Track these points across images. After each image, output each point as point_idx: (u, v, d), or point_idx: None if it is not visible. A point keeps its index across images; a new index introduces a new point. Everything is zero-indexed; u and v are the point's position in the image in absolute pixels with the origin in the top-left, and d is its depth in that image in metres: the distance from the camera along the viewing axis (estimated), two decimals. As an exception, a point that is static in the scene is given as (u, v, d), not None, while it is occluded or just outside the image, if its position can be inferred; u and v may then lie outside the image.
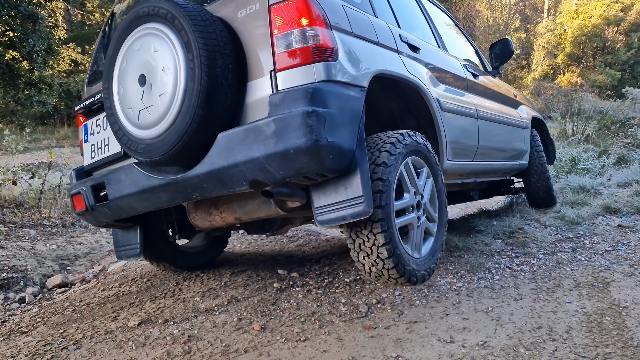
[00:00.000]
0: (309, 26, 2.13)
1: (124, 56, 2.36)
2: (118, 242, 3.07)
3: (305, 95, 2.03)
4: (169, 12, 2.17)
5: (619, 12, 35.05)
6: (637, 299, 2.71)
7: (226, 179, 2.17)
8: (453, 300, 2.79)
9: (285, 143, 2.00)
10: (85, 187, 2.73)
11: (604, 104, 20.65)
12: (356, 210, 2.18)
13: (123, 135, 2.36)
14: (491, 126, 3.77)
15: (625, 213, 4.11)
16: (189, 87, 2.10)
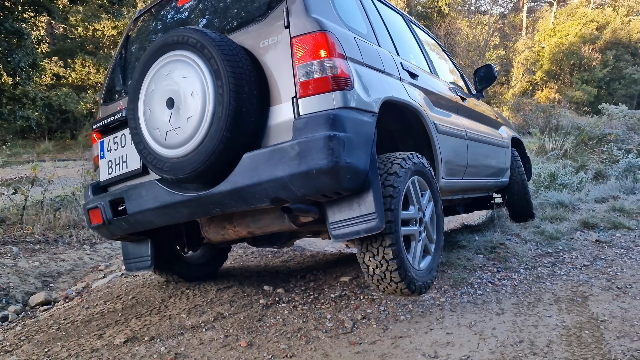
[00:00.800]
0: (328, 57, 2.32)
1: (151, 80, 2.51)
2: (128, 254, 3.17)
3: (327, 121, 2.21)
4: (199, 42, 2.33)
5: (594, 31, 36.06)
6: (615, 312, 2.79)
7: (249, 196, 2.33)
8: (437, 315, 2.84)
9: (309, 164, 2.18)
10: (103, 201, 2.82)
11: (581, 120, 21.12)
12: (369, 225, 2.37)
13: (148, 154, 2.50)
14: (478, 146, 3.99)
15: (602, 228, 4.23)
16: (217, 111, 2.26)
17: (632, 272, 3.32)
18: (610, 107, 21.45)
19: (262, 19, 2.52)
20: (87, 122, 20.17)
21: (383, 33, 3.25)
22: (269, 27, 2.46)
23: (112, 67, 3.26)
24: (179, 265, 3.47)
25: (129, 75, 3.12)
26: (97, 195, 2.95)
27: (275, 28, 2.43)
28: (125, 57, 3.20)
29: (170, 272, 3.42)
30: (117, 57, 3.25)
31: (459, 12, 35.06)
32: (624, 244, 3.86)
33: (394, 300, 3.07)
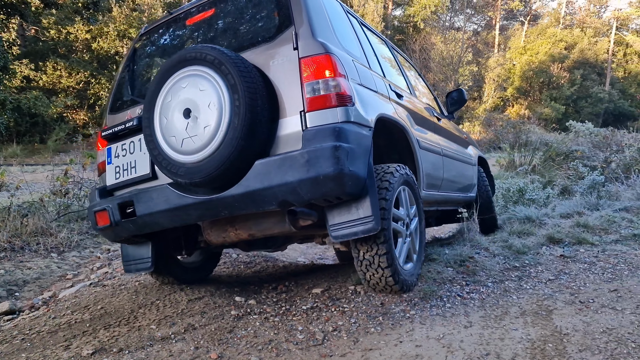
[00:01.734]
0: (332, 77, 2.59)
1: (168, 91, 2.71)
2: (128, 256, 3.32)
3: (333, 133, 2.48)
4: (216, 59, 2.56)
5: (563, 50, 37.23)
6: (577, 326, 2.87)
7: (259, 199, 2.55)
8: (407, 327, 2.88)
9: (317, 170, 2.43)
10: (111, 204, 2.97)
11: (550, 136, 21.67)
12: (367, 227, 2.64)
13: (163, 159, 2.68)
14: (452, 163, 4.34)
15: (567, 243, 4.35)
16: (233, 121, 2.48)
17: (594, 287, 3.43)
18: (577, 125, 22.06)
19: (271, 40, 2.77)
20: (58, 126, 19.79)
21: (372, 57, 3.54)
22: (279, 48, 2.71)
23: (118, 79, 3.42)
24: (175, 268, 3.60)
25: (137, 87, 3.36)
26: (104, 199, 3.08)
27: (284, 49, 2.69)
28: (133, 70, 3.39)
29: (167, 274, 3.54)
30: (124, 69, 3.41)
31: (433, 27, 35.72)
32: (587, 259, 3.98)
33: (365, 313, 3.11)
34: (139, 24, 23.25)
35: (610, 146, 13.32)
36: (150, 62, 3.54)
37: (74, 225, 5.12)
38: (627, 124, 26.98)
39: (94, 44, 22.17)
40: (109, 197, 3.10)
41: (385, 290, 2.98)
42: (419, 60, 30.54)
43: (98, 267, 4.31)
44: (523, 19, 45.79)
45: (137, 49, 3.48)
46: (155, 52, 3.55)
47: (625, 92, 39.11)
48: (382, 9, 32.22)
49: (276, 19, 2.85)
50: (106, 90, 22.27)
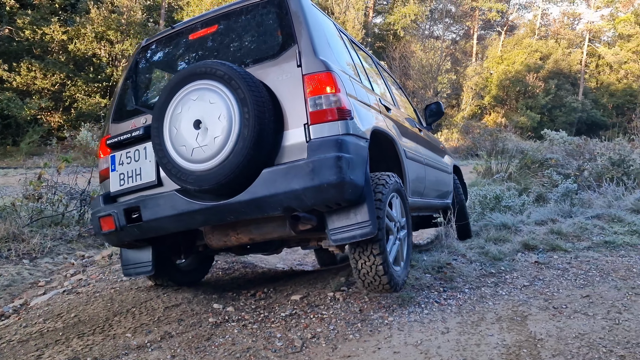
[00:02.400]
0: (333, 93, 2.77)
1: (178, 103, 2.84)
2: (128, 260, 3.40)
3: (336, 144, 2.66)
4: (226, 74, 2.71)
5: (538, 61, 38.01)
6: (551, 331, 2.92)
7: (265, 205, 2.72)
8: (385, 334, 2.89)
9: (321, 178, 2.60)
10: (117, 209, 3.06)
11: (525, 144, 22.04)
12: (364, 231, 2.79)
13: (172, 167, 2.80)
14: (432, 171, 4.57)
15: (541, 250, 4.43)
16: (242, 132, 2.64)
17: (567, 293, 3.50)
18: (551, 133, 22.50)
19: (276, 57, 2.93)
20: (31, 128, 19.37)
21: (362, 72, 3.74)
22: (283, 65, 2.88)
23: (120, 89, 3.51)
24: (173, 272, 3.72)
25: (141, 97, 3.51)
26: (108, 205, 3.16)
27: (288, 66, 2.86)
28: (135, 81, 3.50)
29: (165, 277, 3.65)
30: (126, 80, 3.51)
31: (413, 36, 36.12)
32: (561, 265, 4.06)
33: (343, 319, 3.11)
34: (117, 26, 22.99)
35: (583, 154, 13.62)
36: (153, 74, 3.72)
37: (47, 230, 5.01)
38: (599, 133, 27.64)
39: (71, 45, 21.80)
40: (113, 203, 3.18)
41: (378, 288, 3.09)
42: (398, 68, 30.82)
43: (72, 273, 4.22)
44: (500, 29, 46.62)
45: (139, 60, 3.58)
46: (158, 65, 3.70)
47: (598, 102, 40.06)
48: (362, 16, 32.47)
49: (279, 37, 3.04)
50: (82, 93, 21.92)
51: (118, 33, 23.19)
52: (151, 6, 27.40)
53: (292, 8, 3.02)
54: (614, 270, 3.91)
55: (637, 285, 3.60)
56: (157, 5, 28.01)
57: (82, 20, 22.24)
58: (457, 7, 42.48)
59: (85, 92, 22.15)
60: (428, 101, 30.33)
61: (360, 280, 3.09)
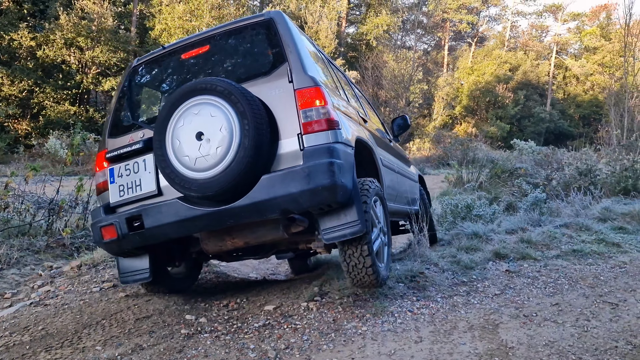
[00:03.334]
0: (322, 106, 3.04)
1: (180, 117, 3.03)
2: (125, 268, 3.50)
3: (328, 151, 2.92)
4: (226, 89, 2.94)
5: (507, 72, 38.90)
6: (522, 339, 2.98)
7: (264, 208, 2.94)
8: (359, 344, 2.90)
9: (316, 182, 2.84)
10: (119, 219, 3.20)
11: (496, 154, 22.49)
12: (354, 229, 3.04)
13: (176, 177, 2.98)
14: (402, 179, 4.93)
15: (512, 259, 4.51)
16: (243, 142, 2.85)
17: (537, 301, 3.57)
18: (520, 143, 23.07)
19: (268, 74, 3.19)
20: (-3, 136, 18.85)
21: (340, 88, 4.01)
22: (276, 81, 3.14)
23: (115, 106, 3.67)
24: (167, 279, 3.85)
25: (138, 113, 3.74)
26: (109, 215, 3.30)
27: (280, 82, 3.12)
28: (130, 98, 3.69)
29: (160, 284, 3.78)
30: (120, 97, 3.68)
31: (385, 46, 36.55)
32: (531, 273, 4.14)
33: (317, 329, 3.11)
34: (87, 33, 22.61)
35: (551, 164, 13.96)
36: (147, 92, 3.98)
37: (14, 241, 4.86)
38: (566, 143, 28.42)
39: (39, 51, 21.32)
40: (113, 213, 3.32)
41: (365, 282, 3.31)
42: (371, 78, 31.13)
43: (39, 285, 4.10)
44: (470, 41, 47.60)
45: (132, 79, 3.75)
46: (150, 83, 3.91)
47: (565, 112, 41.17)
48: (335, 26, 32.71)
49: (270, 56, 3.32)
50: (51, 100, 21.42)
51: (88, 40, 22.79)
52: (122, 13, 27.05)
53: (280, 30, 3.30)
54: (582, 278, 4.00)
55: (605, 293, 3.70)
56: (129, 12, 27.68)
57: (51, 27, 21.80)
58: (428, 18, 43.24)
59: (54, 100, 21.64)
60: (400, 111, 30.70)
61: (348, 274, 3.30)
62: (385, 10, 36.71)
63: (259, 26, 3.43)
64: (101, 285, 3.95)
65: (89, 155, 15.25)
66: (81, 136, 6.29)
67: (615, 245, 4.87)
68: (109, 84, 22.99)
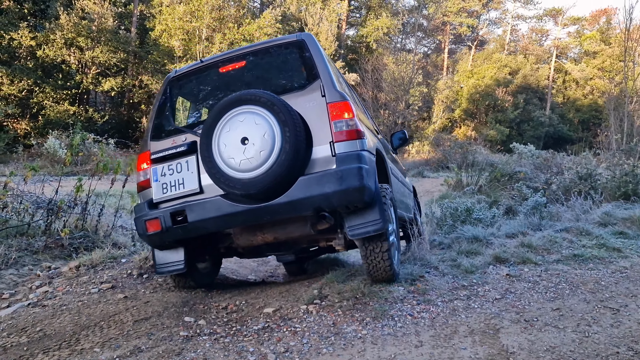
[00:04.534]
0: (351, 118, 3.46)
1: (226, 124, 3.39)
2: (161, 259, 3.85)
3: (357, 157, 3.35)
4: (269, 101, 3.33)
5: (507, 75, 38.88)
6: (523, 344, 2.96)
7: (299, 206, 3.33)
8: (359, 348, 2.88)
9: (347, 184, 3.25)
10: (163, 213, 3.55)
11: (495, 157, 22.51)
12: (376, 227, 3.45)
13: (221, 176, 3.34)
14: (403, 188, 5.37)
15: (512, 263, 4.49)
16: (284, 147, 3.24)
17: (538, 306, 3.55)
18: (520, 147, 23.06)
19: (303, 88, 3.63)
20: (-3, 136, 18.76)
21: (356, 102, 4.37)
22: (310, 95, 3.56)
23: (156, 112, 4.01)
24: (195, 272, 4.20)
25: (177, 119, 4.20)
26: (154, 210, 3.65)
27: (314, 96, 3.55)
28: (171, 105, 4.06)
29: (189, 277, 4.13)
30: (160, 104, 4.02)
31: (385, 48, 36.55)
32: (531, 278, 4.12)
33: (317, 333, 3.09)
34: (88, 33, 22.59)
35: (551, 168, 13.96)
36: (186, 100, 4.37)
37: (12, 241, 4.83)
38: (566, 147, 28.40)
39: (39, 51, 21.27)
40: (155, 209, 3.66)
41: (383, 274, 3.72)
42: (371, 80, 31.11)
43: (37, 285, 4.07)
44: (470, 44, 47.64)
45: (171, 88, 4.12)
46: (189, 92, 4.27)
47: (564, 116, 41.16)
48: (336, 28, 32.74)
49: (304, 73, 3.75)
50: (51, 100, 21.37)
51: (88, 40, 22.77)
52: (123, 14, 27.03)
53: (311, 50, 3.75)
54: (583, 283, 3.99)
55: (606, 298, 3.68)
56: (129, 13, 27.67)
57: (51, 26, 21.77)
58: (428, 21, 43.25)
59: (53, 99, 21.58)
60: (399, 113, 30.69)
61: (368, 268, 3.71)
62: (386, 13, 36.77)
63: (291, 46, 3.88)
64: (99, 286, 3.93)
65: (88, 156, 15.21)
66: (80, 136, 6.27)
67: (616, 250, 4.85)
68: (108, 84, 22.96)
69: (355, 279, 3.99)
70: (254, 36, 25.74)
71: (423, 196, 13.86)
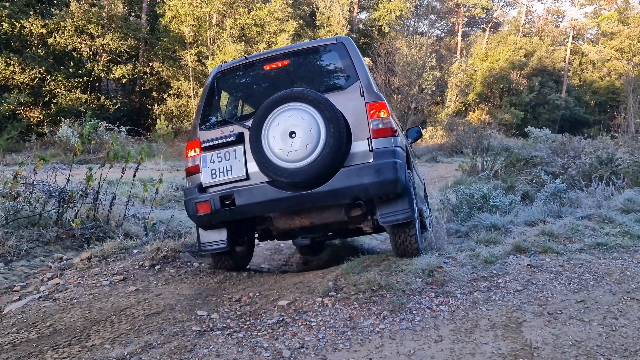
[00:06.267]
0: (386, 117, 3.84)
1: (275, 118, 3.71)
2: (205, 238, 4.22)
3: (392, 153, 3.75)
4: (315, 99, 3.67)
5: (522, 58, 38.16)
6: (547, 339, 2.84)
7: (339, 194, 3.73)
8: (376, 343, 2.78)
9: (384, 176, 3.65)
10: (213, 197, 3.91)
11: (510, 142, 22.15)
12: (406, 215, 3.86)
13: (270, 165, 3.68)
14: (418, 180, 5.74)
15: (533, 252, 4.34)
16: (328, 142, 3.59)
17: (561, 298, 3.42)
18: (535, 131, 22.65)
19: (344, 89, 3.99)
20: (10, 124, 18.83)
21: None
22: (350, 94, 3.92)
23: (204, 103, 4.32)
24: (234, 254, 4.54)
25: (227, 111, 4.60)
26: (203, 193, 3.99)
27: (354, 95, 3.91)
28: (217, 98, 4.33)
29: (229, 258, 4.47)
30: (208, 96, 4.33)
31: (398, 32, 36.05)
32: (554, 268, 3.98)
33: (333, 327, 3.00)
34: (98, 20, 22.49)
35: (568, 152, 13.66)
36: (231, 94, 4.73)
37: (24, 232, 4.79)
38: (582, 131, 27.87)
39: (50, 39, 21.24)
40: (204, 192, 4.00)
41: (409, 253, 4.10)
42: (384, 64, 30.71)
43: (49, 277, 4.02)
44: (484, 26, 46.81)
45: (218, 81, 4.37)
46: (234, 86, 4.57)
47: (581, 99, 40.42)
48: (347, 12, 32.29)
49: (344, 74, 4.10)
50: (63, 88, 21.40)
51: (99, 27, 22.68)
52: (132, 0, 26.90)
53: (350, 53, 4.08)
54: (607, 273, 3.84)
55: (632, 290, 3.54)
56: None
57: (61, 14, 21.70)
58: (442, 3, 42.57)
59: (65, 87, 21.59)
60: (412, 98, 30.32)
61: (395, 248, 4.13)
62: (398, -5, 36.16)
63: (332, 48, 4.23)
64: (111, 278, 3.87)
65: (100, 144, 15.21)
66: (91, 125, 6.20)
67: (641, 238, 4.68)
68: (119, 71, 22.92)
69: (371, 269, 3.89)
70: (264, 21, 25.51)
71: (437, 182, 13.69)
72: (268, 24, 25.78)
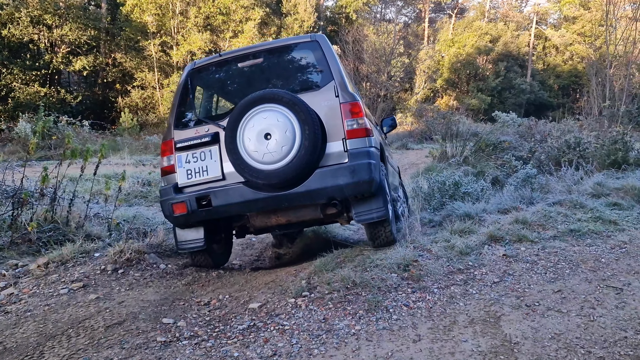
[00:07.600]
0: (360, 117, 3.86)
1: (250, 119, 3.72)
2: (182, 237, 4.21)
3: (367, 153, 3.79)
4: (290, 101, 3.68)
5: (488, 43, 38.52)
6: (526, 332, 2.77)
7: (315, 195, 3.76)
8: (352, 346, 2.66)
9: (359, 177, 3.69)
10: (189, 197, 3.90)
11: (478, 127, 22.33)
12: (380, 214, 3.94)
13: (245, 167, 3.69)
14: (392, 170, 5.79)
15: (508, 241, 4.28)
16: (304, 143, 3.62)
17: (538, 288, 3.36)
18: (502, 115, 22.91)
19: (318, 89, 4.00)
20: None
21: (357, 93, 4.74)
22: (325, 95, 3.93)
23: (178, 102, 4.27)
24: (212, 252, 4.51)
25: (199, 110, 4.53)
26: (179, 194, 3.98)
27: (328, 95, 3.92)
28: (191, 96, 4.27)
29: (207, 256, 4.44)
30: (181, 95, 4.27)
31: (366, 19, 35.88)
32: (529, 257, 3.92)
33: (307, 331, 2.86)
34: (55, 10, 21.61)
35: (534, 136, 13.81)
36: (204, 92, 4.73)
37: (-24, 237, 4.49)
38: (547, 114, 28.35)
39: (4, 30, 20.31)
40: (180, 193, 3.98)
41: (384, 244, 4.18)
42: (352, 52, 30.53)
43: (2, 287, 3.72)
44: (451, 12, 47.05)
45: (191, 79, 4.31)
46: (208, 84, 4.61)
47: (545, 83, 41.11)
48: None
49: (320, 74, 4.09)
50: (20, 81, 20.53)
51: (56, 17, 21.79)
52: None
53: (325, 52, 4.07)
54: (582, 261, 3.81)
55: (607, 277, 3.51)
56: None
57: (15, 3, 20.75)
58: (408, -11, 42.50)
59: (22, 81, 20.72)
60: (381, 85, 30.28)
61: (372, 240, 4.21)
62: (365, -18, 35.92)
63: (306, 46, 4.21)
64: (70, 286, 3.62)
65: (62, 139, 14.63)
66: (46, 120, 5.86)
67: (612, 223, 4.68)
68: (80, 63, 22.13)
69: (345, 266, 3.76)
70: (230, 9, 24.98)
71: (408, 169, 13.66)
72: (234, 12, 25.27)
